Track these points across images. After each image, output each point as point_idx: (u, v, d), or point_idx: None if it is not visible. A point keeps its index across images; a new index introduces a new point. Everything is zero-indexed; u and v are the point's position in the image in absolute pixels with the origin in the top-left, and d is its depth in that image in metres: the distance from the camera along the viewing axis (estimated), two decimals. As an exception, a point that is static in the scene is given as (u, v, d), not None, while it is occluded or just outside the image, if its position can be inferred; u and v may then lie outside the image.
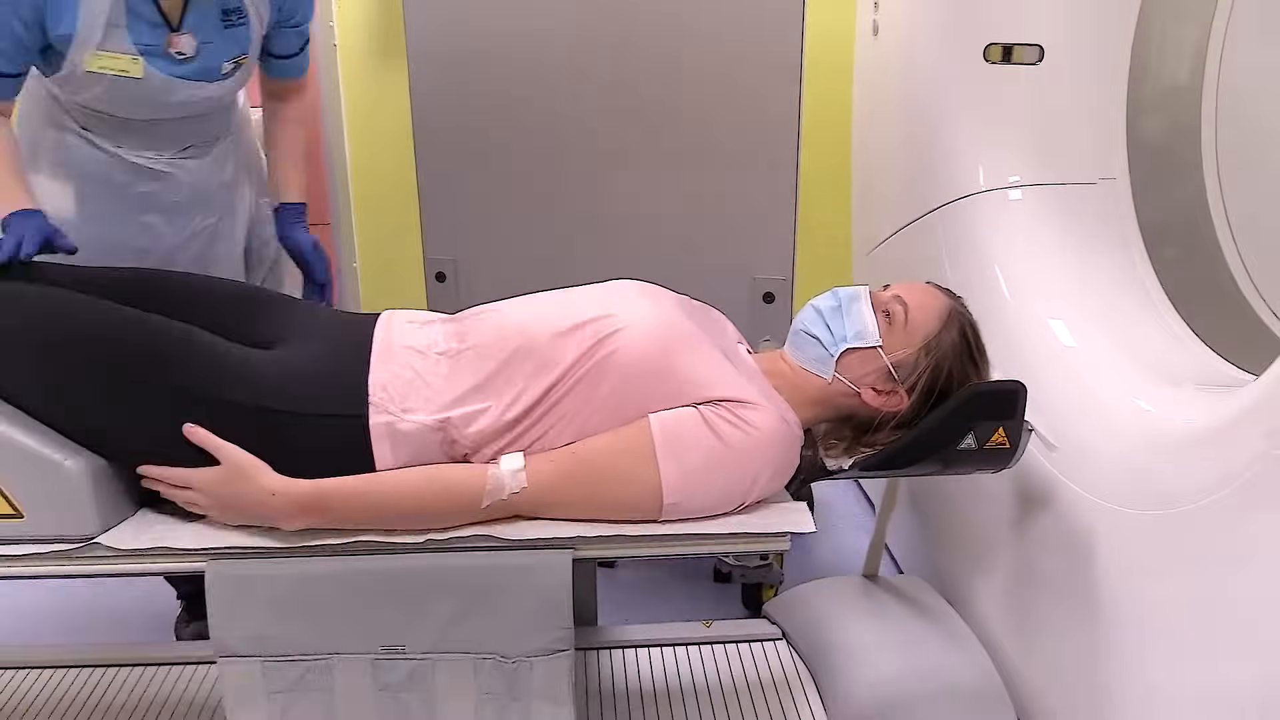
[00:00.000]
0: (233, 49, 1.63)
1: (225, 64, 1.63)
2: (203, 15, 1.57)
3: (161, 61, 1.56)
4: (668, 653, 1.82)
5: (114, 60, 1.52)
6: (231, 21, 1.61)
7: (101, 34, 1.50)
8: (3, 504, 1.24)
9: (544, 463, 1.26)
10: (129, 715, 1.69)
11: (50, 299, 1.29)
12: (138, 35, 1.53)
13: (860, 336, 1.39)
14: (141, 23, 1.53)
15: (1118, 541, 1.38)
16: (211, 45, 1.60)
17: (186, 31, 1.56)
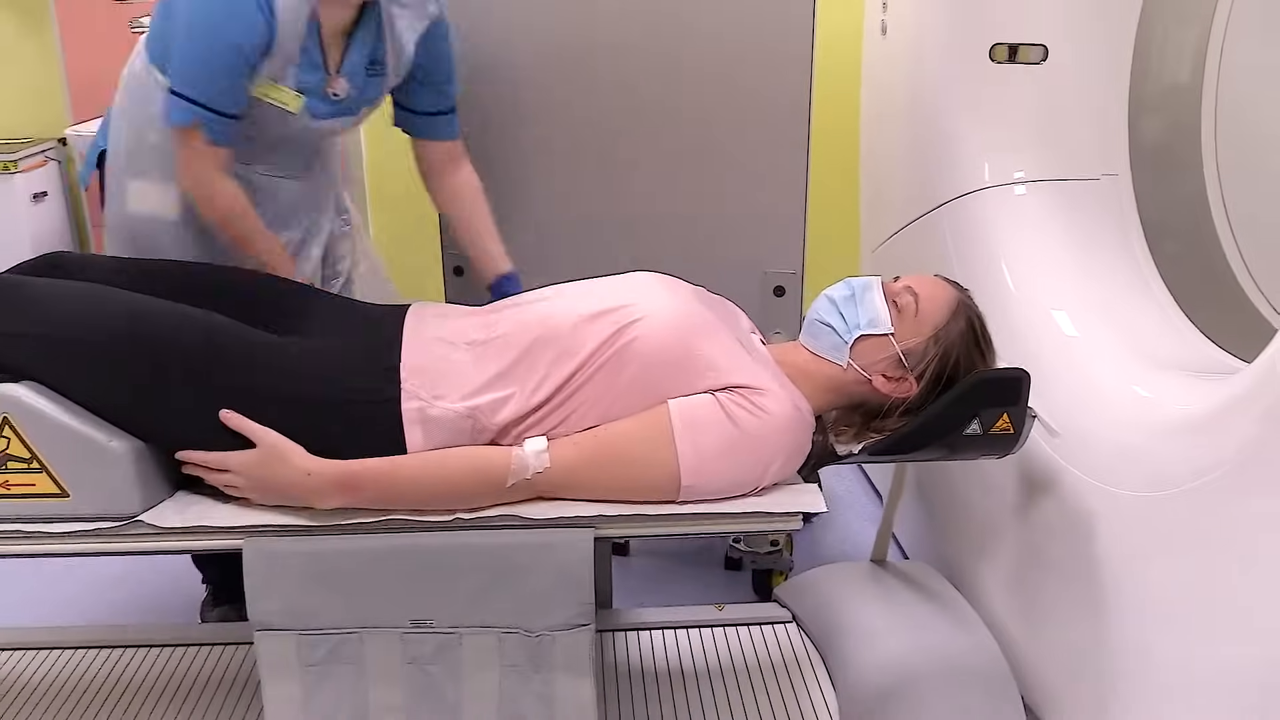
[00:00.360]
0: (372, 95, 1.73)
1: (365, 108, 1.74)
2: (355, 64, 1.67)
3: (315, 101, 1.65)
4: (680, 635, 1.87)
5: (279, 93, 1.61)
6: (374, 71, 1.70)
7: (281, 70, 1.59)
8: (50, 484, 1.30)
9: (566, 445, 1.31)
10: (160, 694, 1.75)
11: (89, 294, 1.34)
12: (304, 75, 1.61)
13: (873, 324, 1.44)
14: (308, 64, 1.61)
15: (1117, 524, 1.43)
16: (358, 92, 1.70)
17: (344, 76, 1.66)
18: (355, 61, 1.67)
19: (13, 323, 1.32)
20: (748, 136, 2.08)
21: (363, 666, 1.33)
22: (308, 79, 1.63)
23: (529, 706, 1.33)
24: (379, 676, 1.33)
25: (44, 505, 1.30)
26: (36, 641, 1.88)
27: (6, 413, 1.28)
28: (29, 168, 3.04)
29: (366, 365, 1.35)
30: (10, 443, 1.29)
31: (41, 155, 3.11)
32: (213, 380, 1.30)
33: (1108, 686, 1.43)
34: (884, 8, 2.23)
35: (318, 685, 1.33)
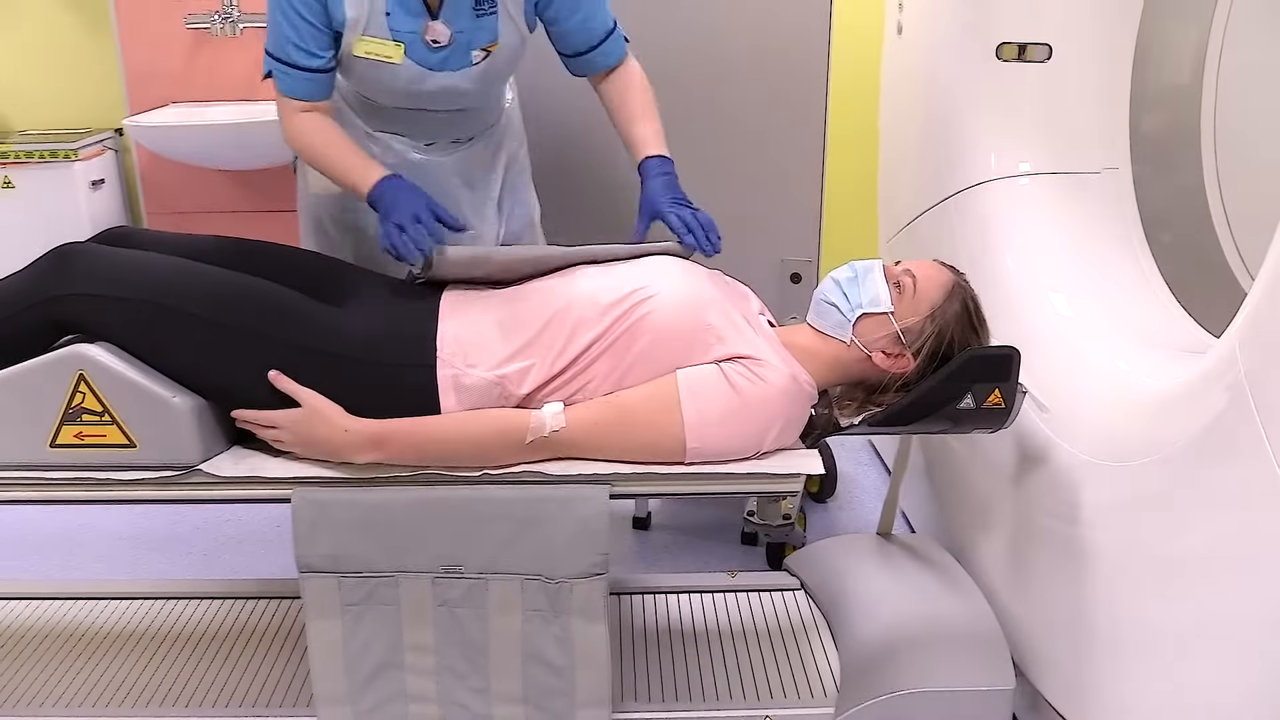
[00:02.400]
0: (483, 37, 1.68)
1: (475, 52, 1.69)
2: (457, 4, 1.65)
3: (419, 49, 1.65)
4: (694, 599, 1.98)
5: (379, 46, 1.64)
6: (483, 10, 1.66)
7: (368, 20, 1.62)
8: (119, 435, 1.44)
9: (582, 409, 1.43)
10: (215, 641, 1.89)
11: (157, 263, 1.47)
12: (399, 23, 1.63)
13: (874, 303, 1.55)
14: (403, 10, 1.63)
15: (1099, 493, 1.52)
16: (463, 34, 1.66)
17: (441, 20, 1.65)
18: (457, 4, 1.64)
19: (89, 286, 1.45)
20: (766, 127, 2.18)
21: (398, 607, 1.46)
22: (405, 25, 1.63)
23: (548, 647, 1.45)
24: (412, 617, 1.46)
25: (114, 454, 1.44)
26: (102, 591, 2.03)
27: (82, 369, 1.41)
28: (88, 156, 3.20)
29: (407, 334, 1.48)
30: (85, 397, 1.42)
31: (100, 145, 3.27)
32: (266, 343, 1.42)
33: (1087, 647, 1.52)
34: (900, 8, 2.32)
35: (356, 624, 1.46)
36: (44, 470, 1.45)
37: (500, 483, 1.43)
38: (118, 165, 3.37)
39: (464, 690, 1.49)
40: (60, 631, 1.91)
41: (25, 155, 3.13)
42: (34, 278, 1.49)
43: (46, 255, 1.50)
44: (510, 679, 1.48)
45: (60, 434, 1.44)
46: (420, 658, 1.49)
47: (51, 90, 3.33)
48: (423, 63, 1.68)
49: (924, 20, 2.22)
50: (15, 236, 2.71)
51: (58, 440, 1.44)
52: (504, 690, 1.49)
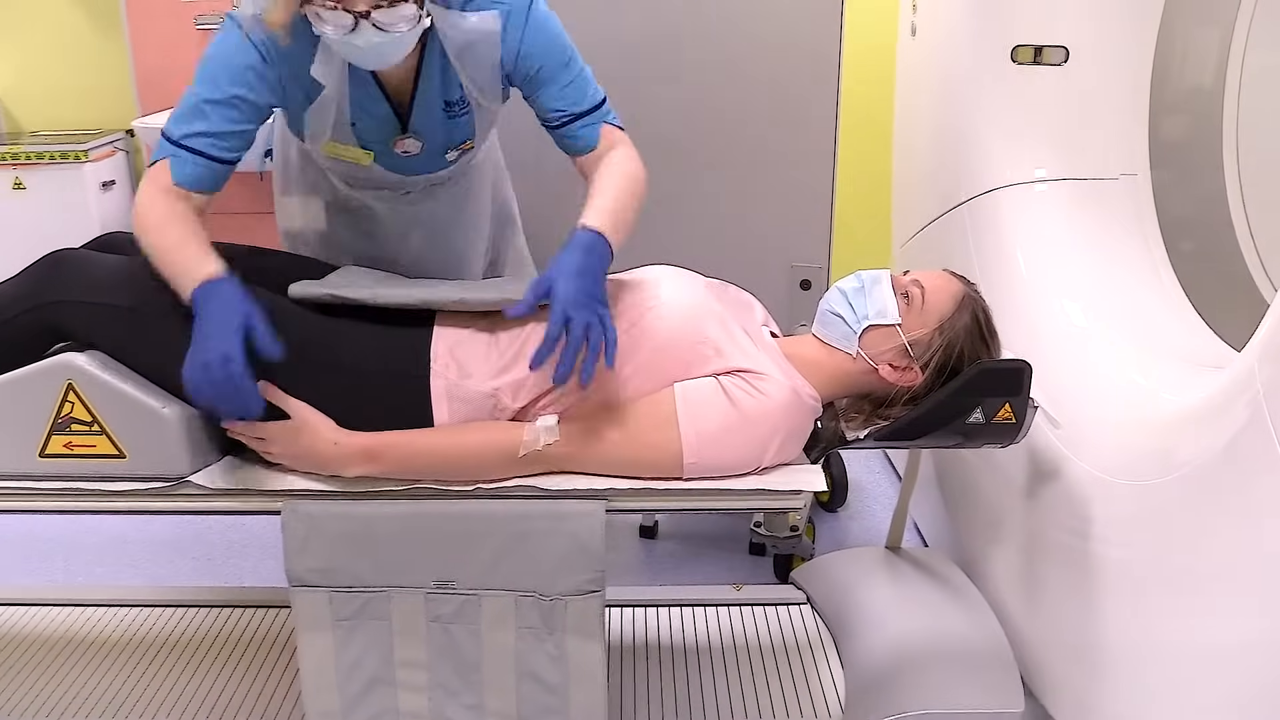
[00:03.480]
0: (456, 137, 1.60)
1: (450, 152, 1.62)
2: (426, 114, 1.55)
3: (389, 157, 1.58)
4: (699, 612, 1.95)
5: (346, 150, 1.57)
6: (454, 112, 1.56)
7: (332, 130, 1.53)
8: (109, 445, 1.41)
9: (578, 422, 1.39)
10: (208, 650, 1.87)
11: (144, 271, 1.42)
12: (366, 135, 1.55)
13: (881, 315, 1.50)
14: (371, 121, 1.53)
15: (1114, 512, 1.48)
16: (436, 138, 1.57)
17: (411, 135, 1.56)
18: (426, 111, 1.54)
19: (80, 293, 1.43)
20: (776, 131, 2.15)
21: (390, 623, 1.43)
22: (372, 136, 1.55)
23: (542, 665, 1.42)
24: (404, 632, 1.43)
25: (103, 465, 1.42)
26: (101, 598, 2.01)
27: (71, 379, 1.39)
28: (98, 157, 3.20)
29: (401, 344, 1.45)
30: (74, 407, 1.40)
31: (110, 146, 3.27)
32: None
33: (1099, 668, 1.48)
34: (914, 9, 2.28)
35: (348, 639, 1.43)
36: (34, 480, 1.43)
37: (493, 497, 1.39)
38: (128, 166, 3.37)
39: (457, 707, 1.46)
40: (59, 639, 1.90)
41: (36, 156, 3.13)
42: (26, 284, 1.47)
43: (39, 261, 1.48)
44: (504, 696, 1.45)
45: (50, 444, 1.42)
46: (413, 674, 1.46)
47: (62, 91, 3.33)
48: (393, 168, 1.61)
49: (937, 22, 2.18)
50: (26, 237, 2.70)
51: (47, 450, 1.42)
52: (498, 708, 1.46)
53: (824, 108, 2.14)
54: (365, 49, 1.39)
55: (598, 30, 2.12)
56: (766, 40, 2.09)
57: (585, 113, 1.54)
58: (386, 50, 1.40)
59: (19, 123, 3.41)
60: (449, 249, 1.77)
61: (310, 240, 1.80)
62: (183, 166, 1.43)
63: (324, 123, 1.53)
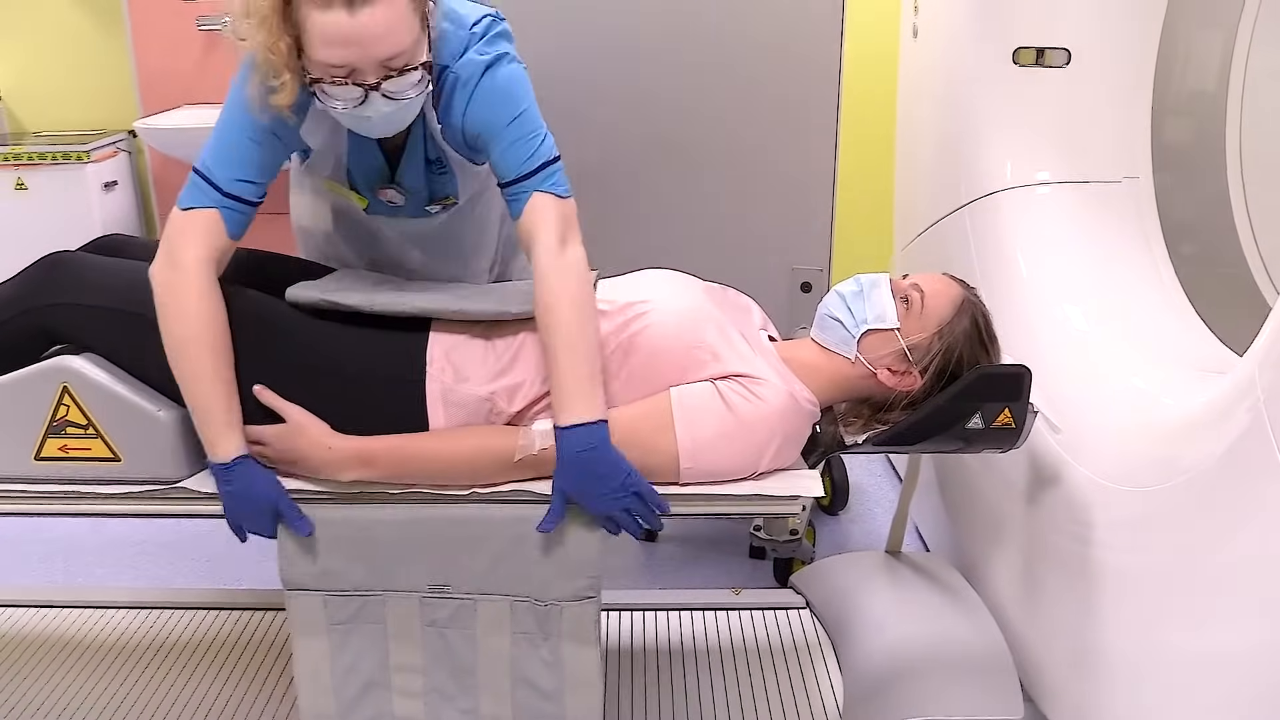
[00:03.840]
0: (439, 192, 1.60)
1: (433, 206, 1.61)
2: (413, 167, 1.55)
3: (376, 204, 1.59)
4: (698, 616, 1.94)
5: (342, 190, 1.58)
6: (435, 170, 1.56)
7: (331, 167, 1.55)
8: (104, 449, 1.41)
9: None
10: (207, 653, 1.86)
11: (140, 274, 1.43)
12: (360, 178, 1.56)
13: (880, 319, 1.49)
14: (364, 168, 1.54)
15: (1114, 518, 1.47)
16: (419, 193, 1.58)
17: (394, 186, 1.56)
18: (412, 166, 1.55)
19: (75, 295, 1.43)
20: (776, 133, 2.14)
21: (384, 627, 1.42)
22: (362, 182, 1.56)
23: (537, 670, 1.41)
24: (399, 636, 1.43)
25: (98, 468, 1.41)
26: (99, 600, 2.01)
27: (66, 382, 1.39)
28: (101, 158, 3.20)
29: (397, 347, 1.44)
30: (69, 410, 1.40)
31: (113, 146, 3.27)
32: (251, 356, 1.39)
33: (1099, 675, 1.47)
34: (915, 11, 2.26)
35: (343, 642, 1.43)
36: (29, 483, 1.43)
37: (489, 501, 1.39)
38: (131, 167, 3.37)
39: (452, 712, 1.46)
40: (59, 640, 1.90)
41: (38, 157, 3.13)
42: (23, 286, 1.47)
43: (36, 263, 1.48)
44: (499, 701, 1.45)
45: (45, 446, 1.42)
46: (408, 679, 1.45)
47: (65, 92, 3.33)
48: (383, 214, 1.62)
49: (939, 24, 2.16)
50: (28, 238, 2.70)
51: (42, 453, 1.42)
52: (493, 713, 1.45)
53: (825, 109, 2.13)
54: (375, 119, 1.37)
55: (598, 32, 2.12)
56: (767, 41, 2.08)
57: (518, 179, 1.42)
58: (396, 118, 1.39)
59: (21, 123, 3.41)
60: (450, 266, 1.76)
61: (319, 238, 1.80)
62: (234, 218, 1.40)
63: (317, 165, 1.55)
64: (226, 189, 1.39)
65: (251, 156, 1.40)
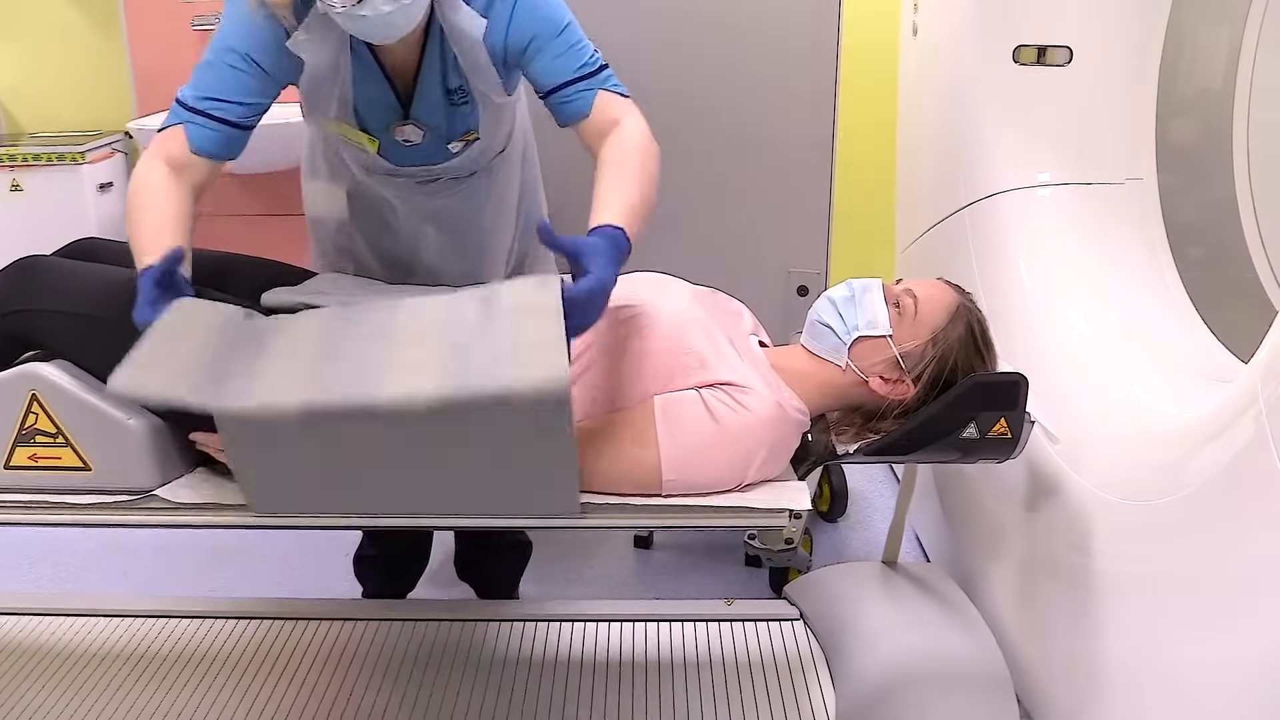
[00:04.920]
0: (459, 127, 1.54)
1: (454, 144, 1.56)
2: (429, 101, 1.50)
3: (390, 145, 1.54)
4: (688, 627, 1.90)
5: (352, 133, 1.52)
6: (455, 100, 1.51)
7: (336, 107, 1.49)
8: (74, 458, 1.38)
9: None
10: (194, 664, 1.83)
11: (112, 276, 1.41)
12: (369, 118, 1.50)
13: (871, 325, 1.45)
14: (373, 104, 1.50)
15: (1115, 534, 1.43)
16: (438, 128, 1.53)
17: (411, 121, 1.51)
18: (428, 97, 1.50)
19: (45, 301, 1.40)
20: (772, 135, 2.10)
21: None
22: (374, 122, 1.51)
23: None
24: None
25: (68, 478, 1.38)
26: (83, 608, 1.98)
27: (34, 389, 1.36)
28: (96, 159, 3.17)
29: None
30: (38, 418, 1.37)
31: (108, 147, 3.24)
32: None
33: (1097, 690, 1.43)
34: (915, 8, 2.22)
35: None
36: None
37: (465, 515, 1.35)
38: (126, 168, 3.35)
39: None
40: (45, 650, 1.86)
41: (33, 158, 3.11)
42: (-7, 290, 1.44)
43: (8, 268, 1.45)
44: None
45: (14, 455, 1.38)
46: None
47: (61, 92, 3.31)
48: (395, 159, 1.56)
49: (939, 21, 2.12)
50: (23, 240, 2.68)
51: (11, 462, 1.38)
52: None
53: (821, 108, 2.09)
54: (373, 19, 1.33)
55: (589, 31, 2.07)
56: (762, 36, 2.04)
57: (579, 78, 1.45)
58: (396, 20, 1.35)
59: (18, 124, 3.39)
60: (466, 248, 1.71)
61: (331, 228, 1.76)
62: (199, 132, 1.40)
63: (319, 99, 1.49)
64: (192, 104, 1.40)
65: (225, 79, 1.40)
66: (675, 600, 2.01)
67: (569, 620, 1.91)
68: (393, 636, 1.89)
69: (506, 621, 1.92)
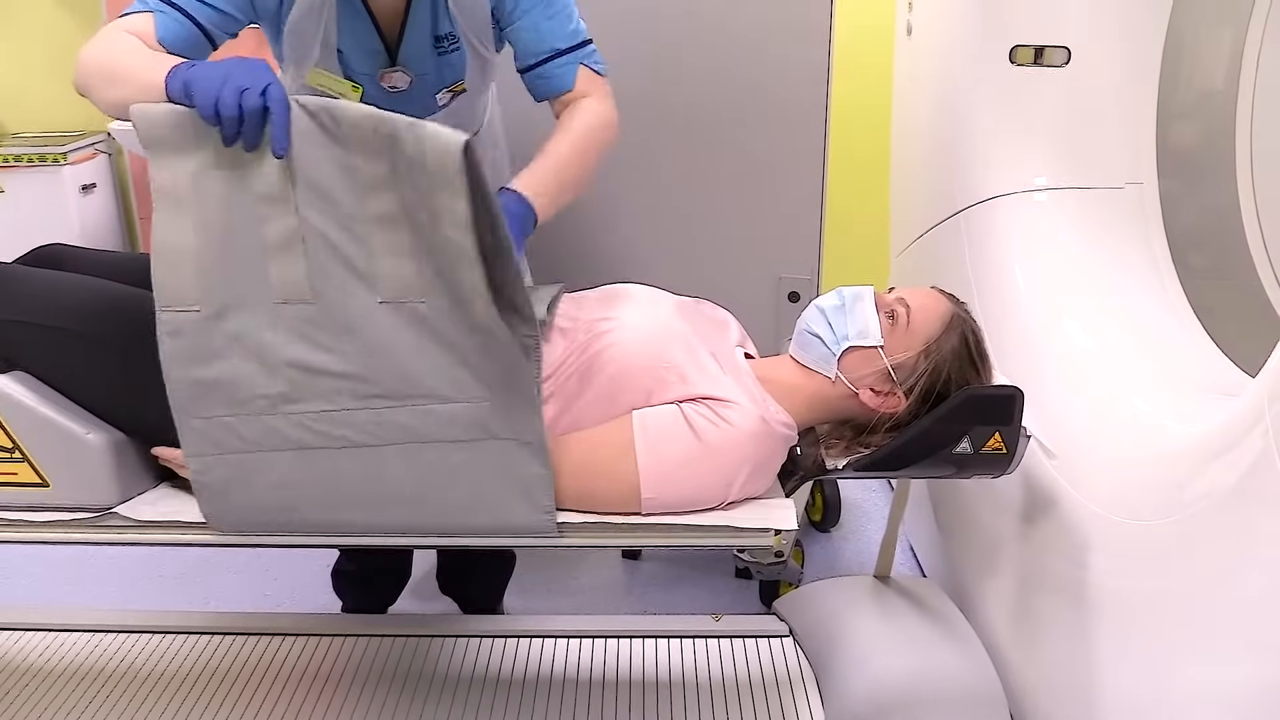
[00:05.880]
0: (448, 77, 1.51)
1: (441, 94, 1.53)
2: (416, 47, 1.47)
3: (375, 93, 1.49)
4: (674, 644, 1.85)
5: (334, 82, 1.46)
6: (444, 48, 1.48)
7: (319, 52, 1.44)
8: (31, 474, 1.33)
9: None
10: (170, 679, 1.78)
11: (72, 284, 1.36)
12: (354, 63, 1.46)
13: (862, 335, 1.40)
14: (359, 49, 1.46)
15: (1114, 553, 1.37)
16: (426, 77, 1.50)
17: (399, 68, 1.48)
18: (416, 44, 1.46)
19: (4, 311, 1.34)
20: (762, 138, 2.05)
21: None
22: (359, 67, 1.46)
23: None
24: None
25: (25, 494, 1.33)
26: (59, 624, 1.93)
27: (-11, 403, 1.31)
28: (78, 160, 3.13)
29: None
30: (-7, 432, 1.32)
31: (91, 148, 3.20)
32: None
33: (1095, 716, 1.37)
34: (909, 7, 2.17)
35: None
36: (-47, 509, 1.35)
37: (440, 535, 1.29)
38: (111, 169, 3.30)
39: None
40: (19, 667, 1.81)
41: (14, 159, 3.06)
42: (-48, 300, 1.38)
43: (-34, 277, 1.40)
44: None
45: (-31, 471, 1.33)
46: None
47: (43, 93, 3.27)
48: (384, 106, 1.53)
49: (934, 21, 2.07)
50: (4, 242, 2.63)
51: (-34, 477, 1.33)
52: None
53: (813, 109, 2.03)
54: None
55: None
56: (753, 38, 1.99)
57: (565, 50, 1.45)
58: None
59: (2, 124, 3.34)
60: None
61: None
62: (167, 23, 1.30)
63: (302, 44, 1.42)
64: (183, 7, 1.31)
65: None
66: (662, 616, 1.96)
67: (554, 637, 1.86)
68: (371, 653, 1.84)
69: (490, 638, 1.86)
